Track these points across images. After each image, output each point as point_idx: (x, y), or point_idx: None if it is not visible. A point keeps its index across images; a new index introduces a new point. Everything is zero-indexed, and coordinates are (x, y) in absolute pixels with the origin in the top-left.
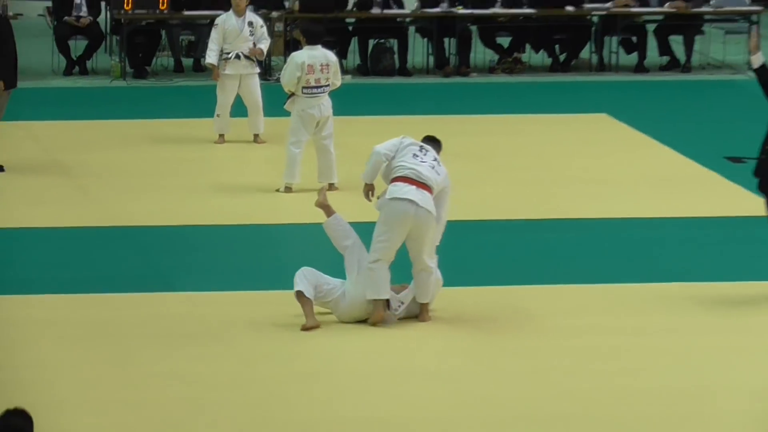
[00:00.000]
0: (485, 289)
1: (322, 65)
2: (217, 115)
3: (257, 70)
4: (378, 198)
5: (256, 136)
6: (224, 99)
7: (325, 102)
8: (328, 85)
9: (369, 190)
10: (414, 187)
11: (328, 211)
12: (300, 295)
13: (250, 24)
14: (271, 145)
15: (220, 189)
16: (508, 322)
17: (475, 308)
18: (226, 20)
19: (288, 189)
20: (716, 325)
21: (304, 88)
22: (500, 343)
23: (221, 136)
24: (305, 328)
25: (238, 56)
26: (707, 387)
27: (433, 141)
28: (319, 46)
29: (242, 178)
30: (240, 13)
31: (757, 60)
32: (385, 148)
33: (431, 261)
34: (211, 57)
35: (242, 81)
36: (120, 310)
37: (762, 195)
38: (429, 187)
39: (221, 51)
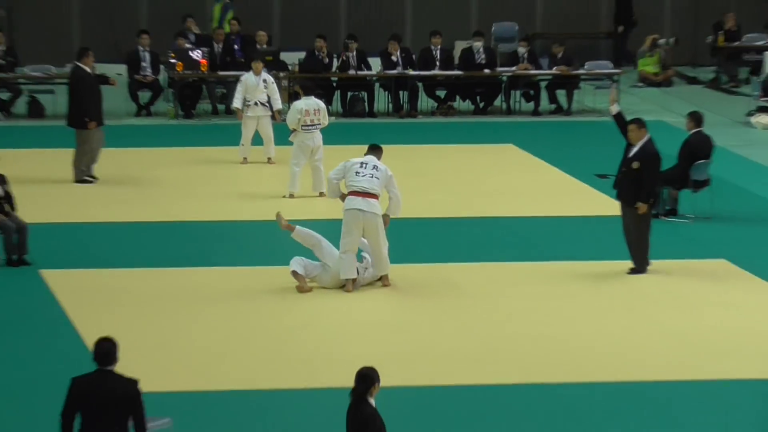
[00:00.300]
0: (427, 265)
1: (314, 110)
2: (242, 144)
3: (270, 113)
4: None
5: (269, 159)
6: (246, 133)
7: (318, 136)
8: (320, 124)
9: (343, 199)
10: (361, 198)
11: (291, 228)
12: (295, 273)
13: (264, 81)
14: (279, 166)
15: (243, 195)
16: (444, 288)
17: (421, 279)
18: (247, 78)
19: (291, 195)
20: (586, 290)
21: (303, 126)
22: (438, 303)
23: (245, 159)
24: (300, 290)
25: (255, 103)
26: (582, 334)
27: (375, 149)
28: (312, 97)
29: (258, 188)
30: (257, 73)
31: (614, 109)
32: (334, 174)
33: (384, 248)
34: (236, 103)
35: (259, 121)
36: (171, 280)
37: (618, 201)
38: (372, 194)
39: (244, 99)
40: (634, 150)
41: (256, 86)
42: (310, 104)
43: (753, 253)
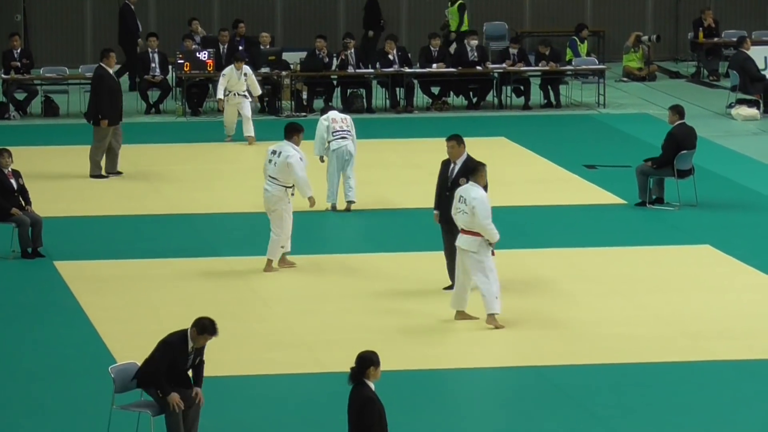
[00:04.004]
0: (424, 253)
1: (341, 119)
2: (225, 126)
3: (248, 99)
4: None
5: (248, 138)
6: (228, 117)
7: (350, 144)
8: (349, 130)
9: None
10: (460, 234)
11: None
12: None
13: (245, 74)
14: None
15: (248, 188)
16: (440, 275)
17: (419, 266)
18: (231, 73)
19: (333, 208)
20: (576, 276)
21: (333, 132)
22: (434, 290)
23: (229, 137)
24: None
25: (235, 94)
26: (572, 318)
27: (473, 171)
28: (329, 111)
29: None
30: (239, 69)
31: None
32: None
33: (468, 285)
34: (219, 94)
35: (238, 105)
36: (179, 270)
37: (440, 222)
38: (466, 231)
39: (225, 90)
40: (457, 167)
41: (237, 80)
42: (335, 115)
43: (735, 239)
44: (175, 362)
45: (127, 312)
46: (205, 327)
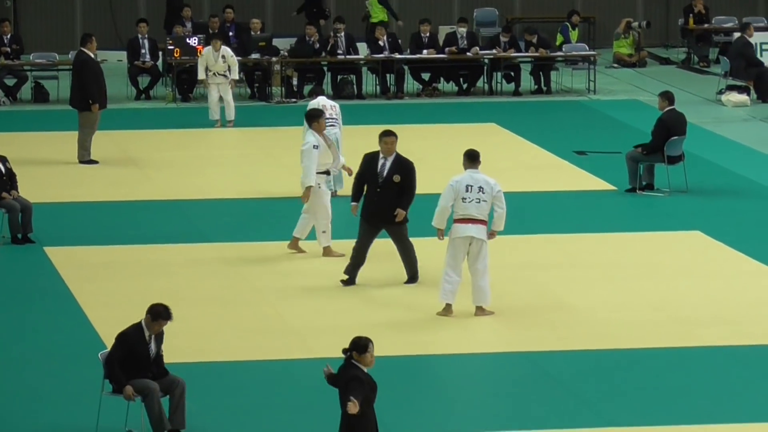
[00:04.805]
0: (415, 239)
1: (331, 106)
2: (210, 109)
3: (227, 81)
4: None
5: (229, 122)
6: (211, 98)
7: (338, 132)
8: (337, 119)
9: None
10: (471, 224)
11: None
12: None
13: (223, 57)
14: (261, 143)
15: (238, 175)
16: (430, 261)
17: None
18: (207, 53)
19: (334, 194)
20: (567, 262)
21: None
22: (425, 275)
23: (218, 121)
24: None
25: (215, 74)
26: (563, 304)
27: (472, 159)
28: (319, 97)
29: (252, 168)
30: (216, 50)
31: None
32: (445, 200)
33: (486, 277)
34: (201, 75)
35: (219, 87)
36: (169, 256)
37: (370, 220)
38: (482, 220)
39: (206, 70)
40: (388, 164)
41: (215, 61)
42: (325, 102)
43: (725, 225)
44: (135, 351)
45: (118, 298)
46: (159, 313)
